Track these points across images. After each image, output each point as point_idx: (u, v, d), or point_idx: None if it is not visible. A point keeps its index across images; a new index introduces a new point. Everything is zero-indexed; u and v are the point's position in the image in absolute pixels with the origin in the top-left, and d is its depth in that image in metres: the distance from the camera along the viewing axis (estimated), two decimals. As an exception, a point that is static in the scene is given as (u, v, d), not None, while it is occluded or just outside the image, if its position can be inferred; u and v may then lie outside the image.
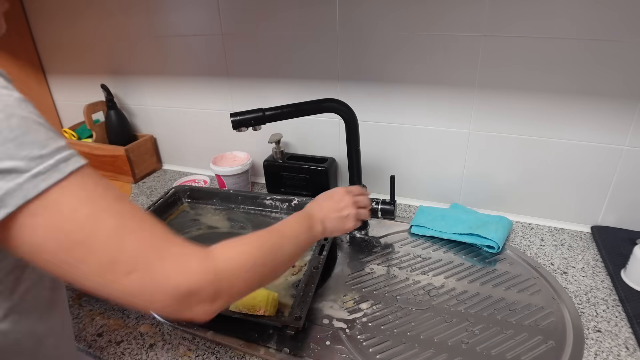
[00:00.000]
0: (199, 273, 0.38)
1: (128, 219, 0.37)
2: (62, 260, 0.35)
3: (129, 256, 0.36)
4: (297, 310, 0.62)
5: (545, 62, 0.76)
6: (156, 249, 0.37)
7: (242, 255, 0.43)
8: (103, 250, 0.35)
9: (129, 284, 0.36)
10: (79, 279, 0.36)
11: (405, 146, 0.95)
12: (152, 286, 0.37)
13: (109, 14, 1.09)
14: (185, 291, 0.37)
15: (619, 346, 0.61)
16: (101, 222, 0.35)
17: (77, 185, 0.35)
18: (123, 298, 0.37)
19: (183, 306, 0.38)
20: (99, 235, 0.35)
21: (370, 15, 0.84)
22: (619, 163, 0.80)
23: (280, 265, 0.50)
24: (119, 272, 0.35)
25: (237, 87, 1.05)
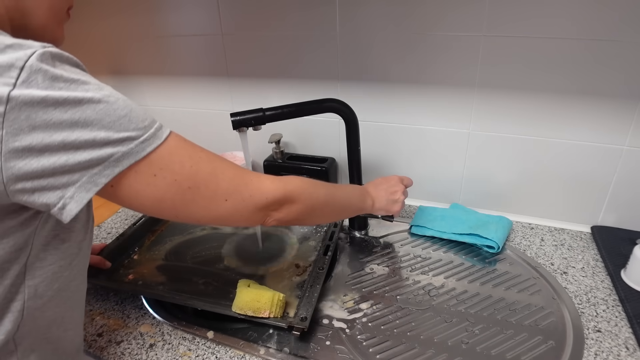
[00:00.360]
0: (272, 190, 0.52)
1: (217, 163, 0.48)
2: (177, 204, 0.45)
3: (224, 188, 0.48)
4: (302, 311, 0.62)
5: (545, 62, 0.76)
6: (241, 179, 0.50)
7: (304, 183, 0.57)
8: (206, 189, 0.46)
9: (227, 208, 0.48)
10: (190, 215, 0.47)
11: (406, 146, 0.95)
12: (243, 205, 0.50)
13: (109, 14, 1.09)
14: (264, 205, 0.51)
15: (619, 346, 0.61)
16: (201, 170, 0.46)
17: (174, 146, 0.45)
18: (223, 219, 0.50)
19: (264, 215, 0.53)
20: (201, 180, 0.46)
21: (371, 15, 0.84)
22: (619, 163, 0.80)
23: (330, 210, 0.64)
24: (219, 201, 0.48)
25: (237, 87, 1.05)
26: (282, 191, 0.53)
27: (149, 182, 0.43)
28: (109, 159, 0.40)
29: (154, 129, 0.44)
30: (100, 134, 0.39)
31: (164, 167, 0.43)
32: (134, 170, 0.42)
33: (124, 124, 0.41)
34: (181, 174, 0.45)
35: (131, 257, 0.81)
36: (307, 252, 0.81)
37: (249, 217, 0.51)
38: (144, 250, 0.83)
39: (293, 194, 0.54)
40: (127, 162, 0.41)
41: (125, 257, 0.81)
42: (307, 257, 0.79)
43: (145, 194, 0.43)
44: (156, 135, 0.44)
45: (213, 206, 0.48)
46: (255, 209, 0.51)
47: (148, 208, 0.45)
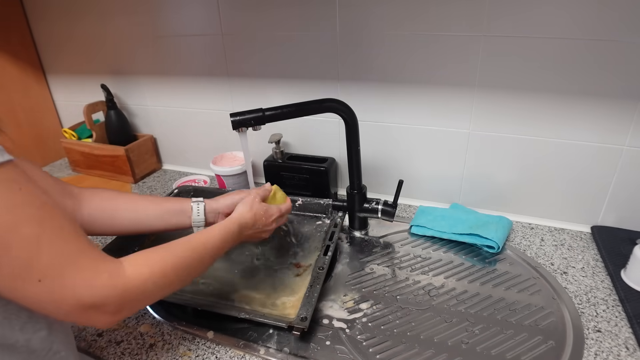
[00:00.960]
0: (106, 288, 0.40)
1: (49, 227, 0.38)
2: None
3: (42, 265, 0.37)
4: (302, 311, 0.62)
5: (545, 62, 0.76)
6: (70, 260, 0.39)
7: (155, 274, 0.45)
8: (18, 257, 0.36)
9: (38, 291, 0.37)
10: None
11: (405, 146, 0.95)
12: (59, 296, 0.38)
13: (109, 14, 1.10)
14: (89, 304, 0.39)
15: (619, 346, 0.61)
16: (23, 230, 0.36)
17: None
18: (29, 303, 0.39)
19: (85, 316, 0.40)
20: (16, 242, 0.36)
21: (371, 15, 0.84)
22: (619, 163, 0.80)
23: (190, 279, 0.52)
24: (29, 279, 0.37)
25: (237, 87, 1.05)
26: (121, 292, 0.41)
27: None
28: None
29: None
30: None
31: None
32: None
33: None
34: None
35: None
36: (308, 252, 0.80)
37: (67, 312, 0.39)
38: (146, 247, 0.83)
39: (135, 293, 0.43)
40: None
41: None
42: (307, 259, 0.79)
43: None
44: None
45: (20, 282, 0.37)
46: (77, 306, 0.39)
47: None
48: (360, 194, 0.85)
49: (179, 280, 0.49)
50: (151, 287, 0.45)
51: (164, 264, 0.47)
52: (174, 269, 0.48)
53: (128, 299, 0.42)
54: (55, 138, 1.33)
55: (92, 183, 1.20)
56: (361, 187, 0.85)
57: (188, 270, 0.51)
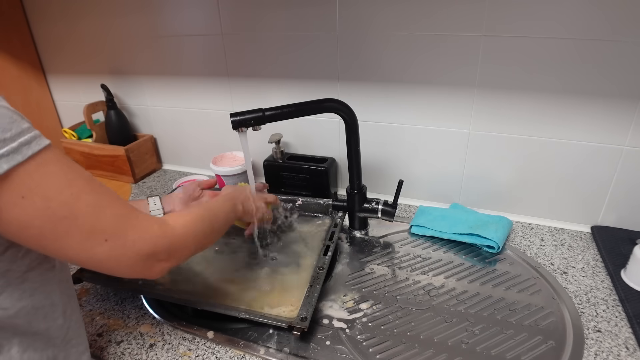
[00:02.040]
0: (158, 238, 0.47)
1: (102, 195, 0.43)
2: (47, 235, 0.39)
3: (106, 227, 0.42)
4: (302, 311, 0.62)
5: (545, 62, 0.76)
6: (127, 219, 0.44)
7: (189, 224, 0.53)
8: (85, 223, 0.41)
9: (105, 250, 0.42)
10: (60, 250, 0.41)
11: (405, 146, 0.95)
12: (123, 250, 0.44)
13: (109, 14, 1.10)
14: (146, 254, 0.46)
15: (619, 346, 0.61)
16: (82, 199, 0.41)
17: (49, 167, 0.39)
18: (97, 263, 0.43)
19: (143, 266, 0.46)
20: (81, 211, 0.40)
21: (370, 15, 0.84)
22: (619, 163, 0.80)
23: (214, 236, 0.61)
24: (97, 240, 0.42)
25: (237, 87, 1.05)
26: (170, 239, 0.48)
27: (15, 203, 0.37)
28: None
29: (17, 143, 0.37)
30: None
31: (34, 189, 0.38)
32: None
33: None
34: (57, 200, 0.39)
35: None
36: (308, 252, 0.80)
37: (129, 265, 0.45)
38: None
39: (181, 239, 0.50)
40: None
41: None
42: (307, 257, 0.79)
43: (9, 216, 0.38)
44: (19, 150, 0.37)
45: (89, 244, 0.42)
46: (137, 258, 0.45)
47: (11, 233, 0.39)
48: (360, 194, 0.85)
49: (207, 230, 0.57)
50: (191, 234, 0.52)
51: (194, 216, 0.56)
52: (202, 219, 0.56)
53: (175, 245, 0.49)
54: (55, 138, 1.32)
55: (92, 183, 1.19)
56: (361, 187, 0.85)
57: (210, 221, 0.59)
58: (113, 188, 1.14)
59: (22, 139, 0.37)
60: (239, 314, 0.63)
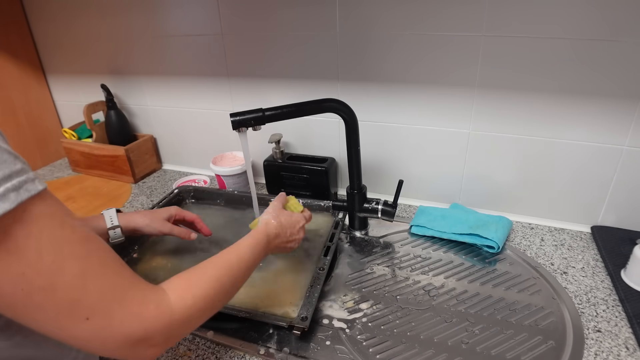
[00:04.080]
0: (154, 320, 0.39)
1: (91, 264, 0.36)
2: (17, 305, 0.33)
3: (89, 303, 0.35)
4: (302, 311, 0.62)
5: (545, 62, 0.76)
6: (117, 294, 0.37)
7: (198, 300, 0.44)
8: (64, 298, 0.34)
9: (85, 329, 0.35)
10: (33, 323, 0.35)
11: (405, 146, 0.95)
12: (108, 332, 0.36)
13: (109, 14, 1.10)
14: (137, 338, 0.38)
15: (619, 346, 0.61)
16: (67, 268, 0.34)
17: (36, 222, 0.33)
18: (77, 342, 0.37)
19: (133, 351, 0.38)
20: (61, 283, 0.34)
21: (370, 15, 0.84)
22: (619, 163, 0.80)
23: (229, 298, 0.51)
24: (77, 318, 0.35)
25: (237, 87, 1.05)
26: (168, 323, 0.40)
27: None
28: None
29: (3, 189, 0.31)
30: None
31: (11, 250, 0.31)
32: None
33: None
34: (34, 268, 0.33)
35: (131, 256, 0.81)
36: (308, 252, 0.80)
37: (115, 349, 0.37)
38: (145, 249, 0.83)
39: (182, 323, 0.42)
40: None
41: (125, 256, 0.80)
42: (308, 258, 0.79)
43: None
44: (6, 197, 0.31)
45: (66, 322, 0.35)
46: (125, 341, 0.37)
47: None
48: (360, 194, 0.85)
49: (219, 302, 0.48)
50: (195, 314, 0.44)
51: (206, 288, 0.46)
52: (215, 291, 0.47)
53: (175, 328, 0.41)
54: (55, 138, 1.33)
55: (92, 183, 1.20)
56: (361, 187, 0.85)
57: (226, 290, 0.49)
58: (113, 188, 1.16)
59: (8, 184, 0.31)
60: (239, 313, 0.63)
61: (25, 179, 0.33)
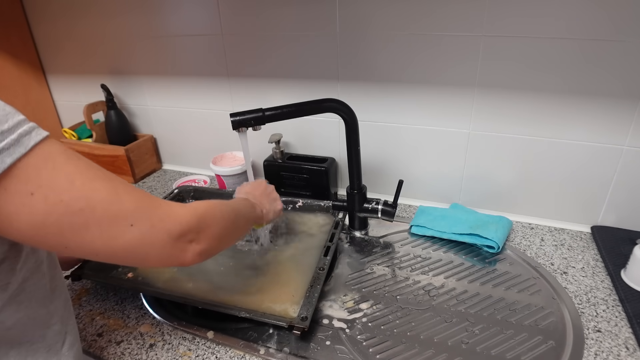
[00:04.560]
0: (186, 215, 0.44)
1: (117, 180, 0.40)
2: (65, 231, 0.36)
3: (128, 211, 0.39)
4: (302, 311, 0.62)
5: (545, 62, 0.76)
6: (148, 201, 0.41)
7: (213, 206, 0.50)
8: (104, 212, 0.38)
9: (133, 235, 0.39)
10: (83, 245, 0.38)
11: (405, 146, 0.95)
12: (153, 232, 0.40)
13: (109, 14, 1.10)
14: (178, 233, 0.42)
15: (619, 346, 0.61)
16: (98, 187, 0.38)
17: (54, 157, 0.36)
18: (126, 251, 0.40)
19: (178, 248, 0.43)
20: (99, 199, 0.37)
21: (371, 15, 0.84)
22: (619, 163, 0.80)
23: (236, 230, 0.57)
24: (122, 227, 0.39)
25: (237, 87, 1.05)
26: (195, 216, 0.45)
27: (24, 203, 0.34)
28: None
29: (17, 134, 0.34)
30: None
31: (43, 183, 0.35)
32: (2, 188, 0.33)
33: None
34: (70, 192, 0.36)
35: None
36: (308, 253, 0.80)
37: (161, 248, 0.42)
38: None
39: (206, 217, 0.47)
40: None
41: None
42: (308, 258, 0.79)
43: (21, 218, 0.35)
44: (20, 142, 0.34)
45: (114, 232, 0.38)
46: (168, 239, 0.42)
47: (25, 234, 0.36)
48: (360, 194, 0.85)
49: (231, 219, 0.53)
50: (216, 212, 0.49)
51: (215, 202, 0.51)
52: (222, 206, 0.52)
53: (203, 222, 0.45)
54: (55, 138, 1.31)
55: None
56: (361, 187, 0.85)
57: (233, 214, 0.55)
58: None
59: (20, 130, 0.35)
60: (239, 313, 0.63)
61: (32, 125, 0.36)
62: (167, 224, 0.42)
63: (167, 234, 0.41)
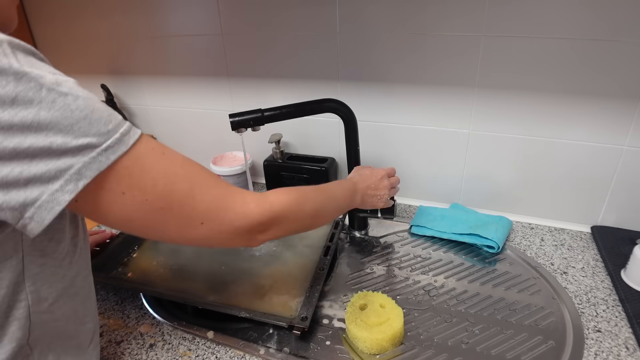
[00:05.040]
0: (256, 214, 0.47)
1: (196, 181, 0.44)
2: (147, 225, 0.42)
3: (200, 212, 0.43)
4: (302, 311, 0.62)
5: (545, 62, 0.76)
6: (221, 201, 0.45)
7: (291, 199, 0.51)
8: (180, 211, 0.42)
9: (202, 232, 0.44)
10: (160, 235, 0.44)
11: (405, 146, 0.95)
12: (221, 229, 0.45)
13: (109, 14, 1.09)
14: (245, 229, 0.47)
15: (619, 346, 0.61)
16: (177, 189, 0.42)
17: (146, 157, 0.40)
18: (197, 242, 0.46)
19: (247, 238, 0.48)
20: (176, 201, 0.42)
21: (370, 15, 0.84)
22: (619, 163, 0.80)
23: (319, 220, 0.59)
24: (194, 225, 0.43)
25: (237, 87, 1.05)
26: (268, 214, 0.48)
27: (116, 200, 0.39)
28: (68, 171, 0.35)
29: (119, 134, 0.38)
30: (57, 140, 0.34)
31: (133, 184, 0.39)
32: (100, 186, 0.37)
33: (83, 128, 0.35)
34: (153, 194, 0.40)
35: (130, 256, 0.81)
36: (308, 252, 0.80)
37: (228, 240, 0.47)
38: (144, 248, 0.83)
39: (280, 214, 0.49)
40: (90, 174, 0.36)
41: (125, 256, 0.80)
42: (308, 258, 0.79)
43: (113, 211, 0.39)
44: (122, 141, 0.38)
45: (186, 229, 0.44)
46: (235, 233, 0.46)
47: (116, 225, 0.42)
48: (360, 194, 0.85)
49: (310, 214, 0.55)
50: (293, 209, 0.51)
51: (300, 196, 0.53)
52: (308, 201, 0.54)
53: (276, 218, 0.49)
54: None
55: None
56: (361, 187, 0.85)
57: (316, 207, 0.56)
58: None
59: (122, 129, 0.38)
60: (239, 313, 0.63)
61: (129, 125, 0.39)
62: (235, 223, 0.45)
63: (234, 231, 0.46)
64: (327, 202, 0.60)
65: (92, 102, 0.36)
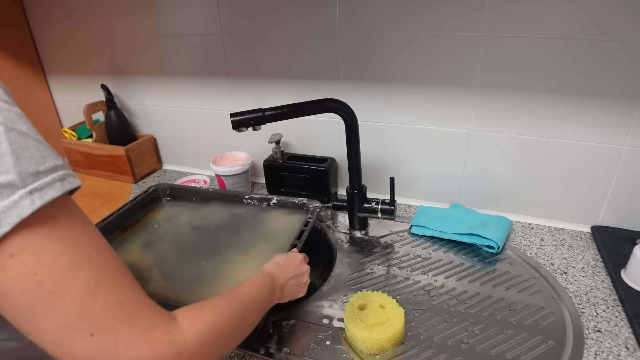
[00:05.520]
0: (163, 345, 0.36)
1: (106, 275, 0.34)
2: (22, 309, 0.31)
3: (96, 317, 0.33)
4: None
5: (545, 62, 0.76)
6: (125, 312, 0.34)
7: (208, 331, 0.41)
8: (71, 306, 0.32)
9: (87, 348, 0.32)
10: (33, 331, 0.32)
11: (405, 146, 0.95)
12: (112, 354, 0.33)
13: (109, 14, 1.10)
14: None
15: (619, 346, 0.61)
16: (79, 275, 0.32)
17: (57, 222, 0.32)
18: None
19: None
20: (71, 290, 0.32)
21: (371, 15, 0.84)
22: (619, 163, 0.80)
23: (242, 335, 0.49)
24: (80, 332, 0.32)
25: (237, 87, 1.05)
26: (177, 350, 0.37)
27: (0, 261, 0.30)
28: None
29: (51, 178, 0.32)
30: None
31: (28, 248, 0.30)
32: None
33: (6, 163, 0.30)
34: (48, 268, 0.31)
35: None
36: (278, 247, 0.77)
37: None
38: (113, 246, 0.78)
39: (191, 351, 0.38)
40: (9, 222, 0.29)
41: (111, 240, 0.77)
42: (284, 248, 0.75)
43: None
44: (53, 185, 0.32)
45: (69, 336, 0.32)
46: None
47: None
48: (360, 194, 0.85)
49: (231, 333, 0.46)
50: (207, 341, 0.41)
51: (216, 316, 0.43)
52: (225, 320, 0.45)
53: (185, 356, 0.38)
54: (55, 138, 1.32)
55: (92, 183, 1.20)
56: (361, 187, 0.85)
57: (237, 322, 0.47)
58: (113, 188, 1.16)
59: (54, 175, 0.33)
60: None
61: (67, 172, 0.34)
62: (133, 350, 0.34)
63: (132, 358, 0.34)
64: (247, 316, 0.49)
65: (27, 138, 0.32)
